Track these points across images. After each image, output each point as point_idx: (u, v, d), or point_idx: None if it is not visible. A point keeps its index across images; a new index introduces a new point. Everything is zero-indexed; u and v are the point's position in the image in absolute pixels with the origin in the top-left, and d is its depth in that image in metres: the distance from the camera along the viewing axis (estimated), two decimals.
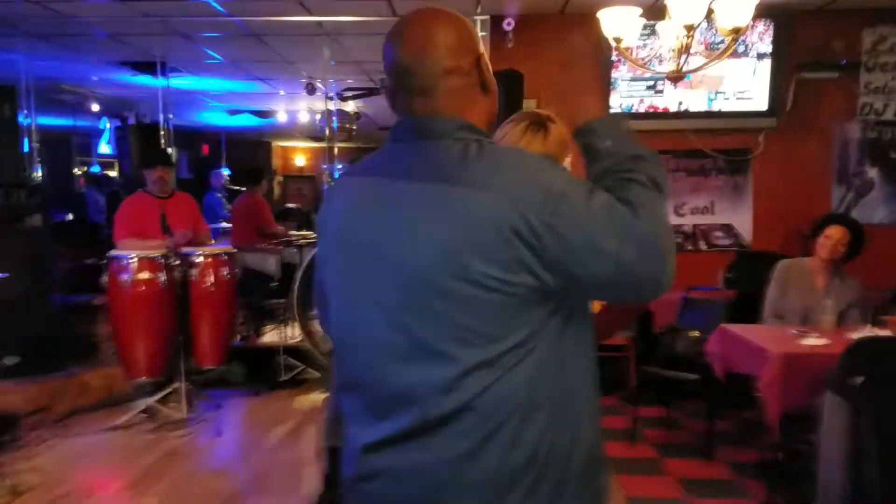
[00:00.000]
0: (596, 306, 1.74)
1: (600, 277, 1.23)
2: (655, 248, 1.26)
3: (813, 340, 3.64)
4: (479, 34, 6.28)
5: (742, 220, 6.17)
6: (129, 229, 5.20)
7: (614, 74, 6.02)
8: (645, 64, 5.34)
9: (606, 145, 1.38)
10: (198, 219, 5.69)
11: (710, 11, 3.79)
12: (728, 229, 6.20)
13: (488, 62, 1.40)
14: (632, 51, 5.57)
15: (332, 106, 9.12)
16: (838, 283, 4.24)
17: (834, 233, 4.24)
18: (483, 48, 1.41)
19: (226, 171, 11.54)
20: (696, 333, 4.59)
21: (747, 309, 4.67)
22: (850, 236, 4.22)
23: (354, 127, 9.58)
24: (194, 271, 5.20)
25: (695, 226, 6.22)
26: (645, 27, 5.35)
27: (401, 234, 1.28)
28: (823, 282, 4.27)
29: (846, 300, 4.17)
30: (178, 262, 5.06)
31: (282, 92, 10.10)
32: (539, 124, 2.13)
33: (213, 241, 6.04)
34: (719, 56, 4.06)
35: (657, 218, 1.29)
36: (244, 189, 7.81)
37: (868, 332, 3.72)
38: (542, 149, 2.08)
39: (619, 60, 5.93)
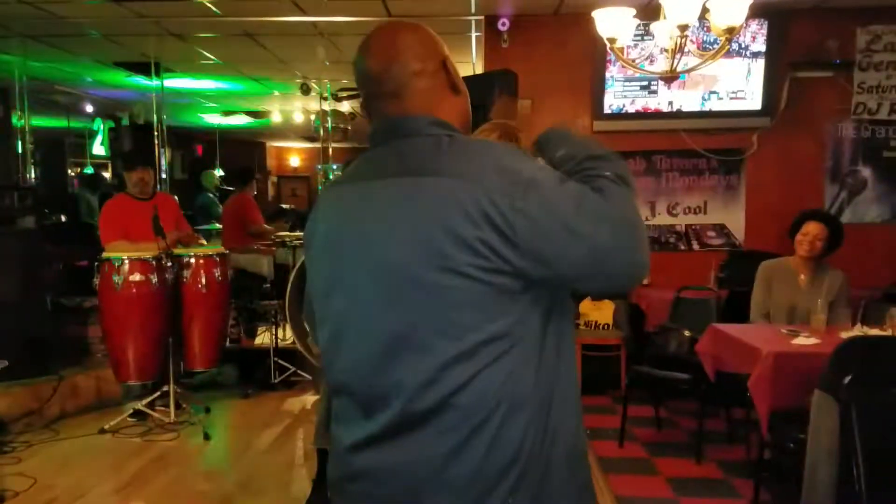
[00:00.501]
0: None
1: (576, 262, 1.23)
2: (631, 232, 1.26)
3: (803, 340, 3.64)
4: (474, 34, 6.32)
5: (735, 219, 6.18)
6: (115, 232, 5.18)
7: (608, 74, 6.03)
8: (638, 64, 5.33)
9: (561, 154, 1.41)
10: (180, 219, 5.64)
11: (704, 11, 3.78)
12: (721, 229, 6.21)
13: (455, 66, 1.44)
14: (626, 51, 5.57)
15: (326, 106, 9.15)
16: (822, 277, 4.29)
17: (811, 229, 4.28)
18: (448, 52, 1.44)
19: (218, 172, 11.53)
20: (688, 333, 4.58)
21: (739, 308, 4.67)
22: (827, 231, 4.26)
23: (349, 127, 9.59)
24: (187, 273, 5.18)
25: (687, 226, 6.23)
26: (639, 27, 5.36)
27: (378, 230, 1.30)
28: (807, 278, 4.32)
29: (832, 293, 4.21)
30: (170, 264, 5.04)
31: (276, 92, 10.09)
32: (510, 135, 2.19)
33: (204, 241, 6.02)
34: (713, 56, 4.05)
35: (628, 206, 1.29)
36: (233, 189, 7.82)
37: (858, 331, 3.72)
38: None
39: (612, 60, 5.93)
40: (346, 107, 10.47)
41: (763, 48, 5.91)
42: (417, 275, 1.25)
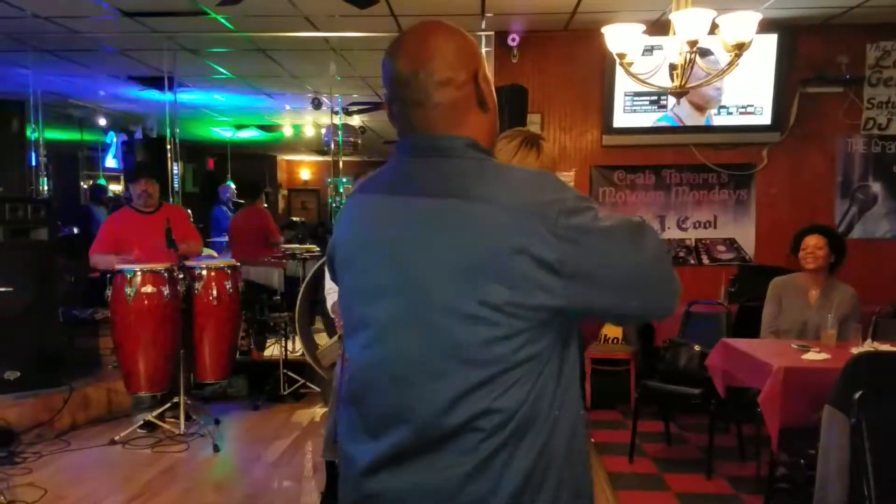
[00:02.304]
0: None
1: (621, 281, 1.23)
2: (667, 257, 1.31)
3: (814, 355, 3.63)
4: (484, 49, 6.37)
5: (745, 234, 6.17)
6: (103, 246, 5.24)
7: (618, 89, 6.04)
8: (647, 79, 5.34)
9: None
10: (188, 230, 5.62)
11: (713, 26, 3.80)
12: (731, 243, 6.20)
13: (489, 79, 1.40)
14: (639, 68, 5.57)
15: (337, 120, 9.21)
16: (832, 293, 4.30)
17: (810, 242, 4.32)
18: (485, 65, 1.40)
19: (233, 185, 11.61)
20: (698, 347, 4.57)
21: (750, 323, 4.66)
22: (825, 241, 4.29)
23: (359, 140, 9.63)
24: (198, 285, 5.21)
25: (697, 240, 6.22)
26: (648, 43, 5.37)
27: (413, 250, 1.27)
28: (817, 294, 4.33)
29: (843, 309, 4.21)
30: (182, 276, 5.07)
31: (288, 107, 10.16)
32: (532, 142, 2.17)
33: (214, 254, 6.05)
34: (722, 73, 4.06)
35: (662, 242, 1.33)
36: (244, 202, 7.91)
37: (868, 346, 3.70)
38: (535, 165, 2.13)
39: (622, 75, 5.94)
40: (356, 121, 10.53)
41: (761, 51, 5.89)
42: (449, 302, 1.23)
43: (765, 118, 5.99)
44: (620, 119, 6.08)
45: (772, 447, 3.59)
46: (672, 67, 3.99)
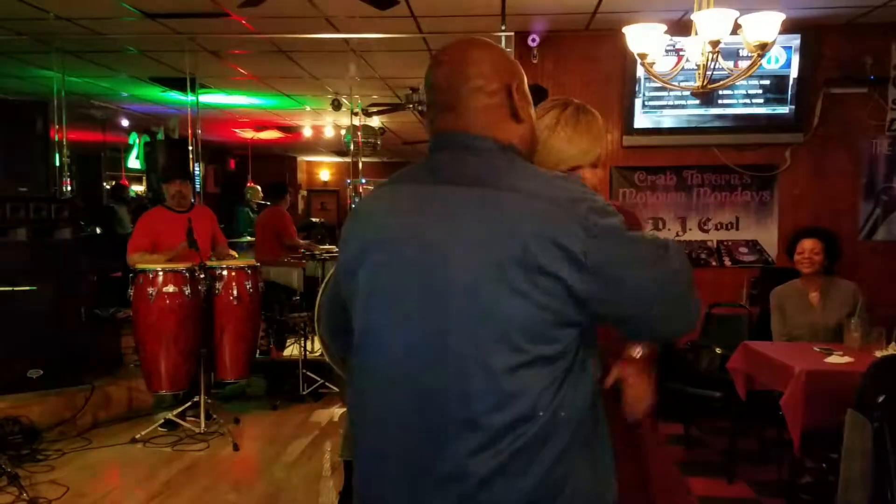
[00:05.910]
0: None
1: (643, 287, 1.26)
2: (690, 275, 1.34)
3: (836, 358, 3.59)
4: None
5: (767, 235, 6.10)
6: (141, 243, 5.28)
7: (639, 89, 6.00)
8: (669, 79, 5.31)
9: None
10: (216, 232, 5.75)
11: (736, 26, 3.76)
12: (753, 245, 6.13)
13: (528, 95, 1.44)
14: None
15: (357, 121, 9.23)
16: (832, 292, 4.31)
17: (805, 245, 4.34)
18: (524, 81, 1.44)
19: (257, 186, 11.69)
20: (719, 350, 4.53)
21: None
22: (821, 244, 4.30)
23: (379, 142, 9.64)
24: (219, 285, 5.25)
25: (719, 241, 6.16)
26: (670, 43, 5.33)
27: (440, 234, 1.28)
28: (818, 296, 4.34)
29: (847, 305, 4.23)
30: (203, 276, 5.10)
31: (308, 108, 10.19)
32: (582, 110, 2.17)
33: (235, 254, 6.08)
34: (745, 72, 4.03)
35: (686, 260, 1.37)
36: (269, 203, 7.96)
37: (892, 349, 3.66)
38: (585, 136, 2.12)
39: (643, 75, 5.90)
40: (376, 122, 10.54)
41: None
42: (472, 286, 1.23)
43: (788, 119, 5.92)
44: (641, 120, 6.04)
45: (794, 451, 3.55)
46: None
